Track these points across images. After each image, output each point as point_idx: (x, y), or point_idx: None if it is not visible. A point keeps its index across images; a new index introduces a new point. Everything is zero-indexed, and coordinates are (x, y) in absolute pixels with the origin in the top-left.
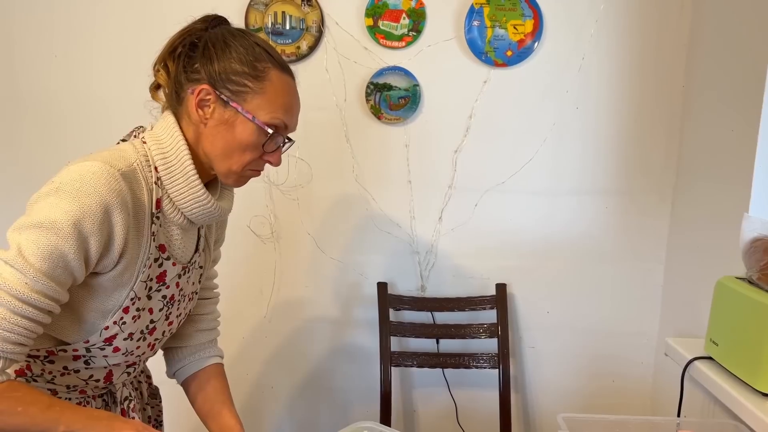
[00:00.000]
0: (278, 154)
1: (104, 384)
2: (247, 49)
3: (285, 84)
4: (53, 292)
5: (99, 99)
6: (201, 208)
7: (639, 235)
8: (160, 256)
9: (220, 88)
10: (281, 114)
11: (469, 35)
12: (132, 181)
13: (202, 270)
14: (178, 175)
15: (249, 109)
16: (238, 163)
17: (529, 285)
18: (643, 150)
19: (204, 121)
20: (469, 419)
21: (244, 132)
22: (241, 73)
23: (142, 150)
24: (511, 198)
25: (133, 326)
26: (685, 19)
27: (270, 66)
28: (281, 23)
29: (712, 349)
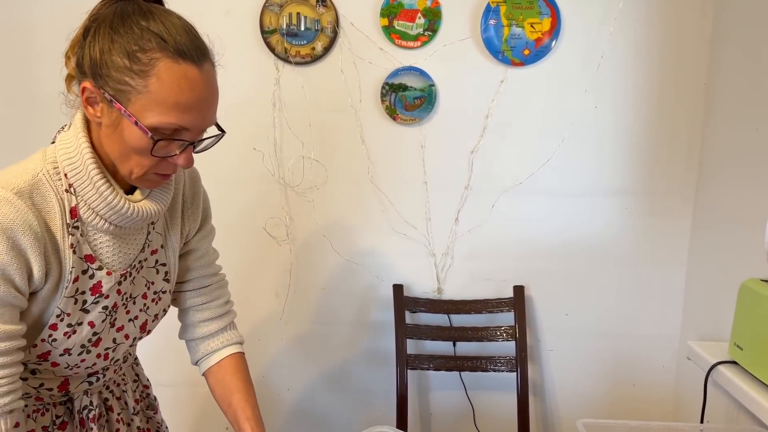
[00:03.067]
0: (185, 156)
1: (60, 393)
2: (131, 36)
3: (179, 77)
4: (5, 332)
5: None
6: (116, 213)
7: (660, 236)
8: (89, 267)
9: (104, 85)
10: (172, 116)
11: (486, 34)
12: (34, 196)
13: (165, 267)
14: (85, 180)
15: (133, 111)
16: (138, 167)
17: (548, 287)
18: (664, 150)
19: (97, 120)
20: (486, 423)
21: (132, 136)
22: (122, 68)
23: (51, 156)
24: (528, 199)
25: (68, 342)
26: (708, 15)
27: (159, 56)
28: (296, 24)
29: (736, 354)
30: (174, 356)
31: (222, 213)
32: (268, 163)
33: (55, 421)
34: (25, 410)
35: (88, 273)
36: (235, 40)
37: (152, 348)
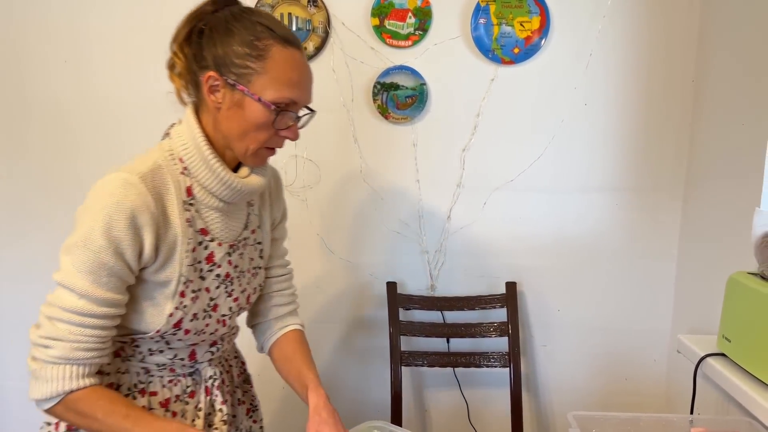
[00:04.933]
0: (294, 129)
1: (190, 362)
2: (248, 29)
3: (289, 59)
4: (105, 299)
5: (109, 104)
6: (227, 187)
7: (650, 231)
8: (203, 240)
9: (226, 72)
10: (287, 91)
11: (476, 33)
12: (155, 180)
13: (261, 246)
14: (200, 162)
15: (255, 90)
16: (254, 142)
17: (540, 283)
18: (654, 146)
19: (217, 106)
20: (480, 418)
21: (254, 113)
22: (243, 55)
23: (167, 146)
24: (520, 196)
25: (195, 307)
26: (695, 13)
27: (272, 43)
28: (287, 24)
29: (724, 346)
30: None
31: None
32: None
33: (185, 390)
34: (161, 380)
35: (202, 244)
36: None
37: None
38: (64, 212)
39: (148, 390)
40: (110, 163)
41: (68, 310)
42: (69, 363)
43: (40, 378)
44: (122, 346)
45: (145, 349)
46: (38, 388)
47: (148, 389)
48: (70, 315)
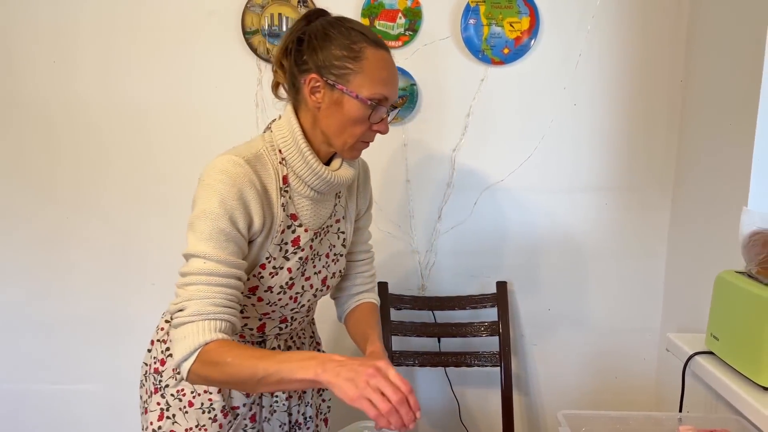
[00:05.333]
0: (386, 123)
1: (258, 334)
2: (344, 35)
3: (380, 59)
4: (228, 261)
5: (98, 104)
6: (320, 180)
7: (640, 230)
8: (292, 224)
9: (326, 74)
10: (380, 88)
11: (466, 33)
12: (257, 165)
13: (344, 235)
14: (297, 154)
15: (352, 88)
16: (351, 137)
17: (530, 282)
18: (643, 145)
19: (318, 105)
20: (471, 418)
21: (352, 109)
22: (341, 57)
23: (268, 138)
24: (510, 196)
25: (271, 281)
26: (683, 13)
27: (365, 45)
28: (278, 25)
29: (712, 344)
30: None
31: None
32: None
33: None
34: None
35: (291, 228)
36: (217, 41)
37: None
38: (51, 212)
39: None
40: (97, 163)
41: (197, 273)
42: (201, 318)
43: (177, 339)
44: None
45: None
46: (177, 350)
47: None
48: (199, 277)
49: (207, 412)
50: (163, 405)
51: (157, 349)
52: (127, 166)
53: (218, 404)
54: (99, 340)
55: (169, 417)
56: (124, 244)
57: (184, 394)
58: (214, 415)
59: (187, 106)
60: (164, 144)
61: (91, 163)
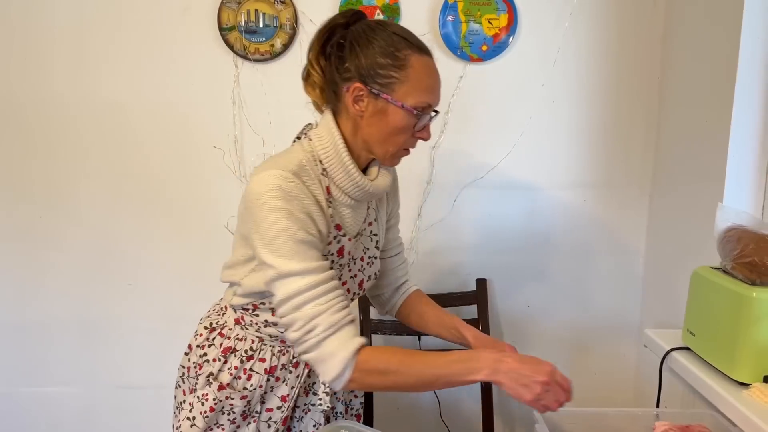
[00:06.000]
0: (427, 131)
1: None
2: (387, 41)
3: (425, 66)
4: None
5: (72, 102)
6: (360, 189)
7: (618, 227)
8: (337, 234)
9: (371, 83)
10: (425, 96)
11: (444, 30)
12: (303, 176)
13: (377, 237)
14: (338, 165)
15: (397, 97)
16: (394, 145)
17: (510, 280)
18: (621, 142)
19: (360, 113)
20: (452, 415)
21: (396, 118)
22: (386, 66)
23: (308, 147)
24: (489, 193)
25: None
26: (659, 11)
27: (410, 52)
28: (254, 21)
29: (689, 340)
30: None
31: (183, 212)
32: (229, 161)
33: (291, 360)
34: (272, 349)
35: (336, 239)
36: (193, 38)
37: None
38: (25, 211)
39: (258, 356)
40: (72, 162)
41: (302, 292)
42: (336, 329)
43: (323, 359)
44: (243, 315)
45: (262, 320)
46: (329, 369)
47: (258, 356)
48: (306, 294)
49: (227, 413)
50: (191, 406)
51: (196, 354)
52: (102, 164)
53: (239, 409)
54: (75, 342)
55: (189, 419)
56: (100, 243)
57: (207, 399)
58: (233, 418)
59: (163, 104)
60: (140, 142)
61: (66, 162)
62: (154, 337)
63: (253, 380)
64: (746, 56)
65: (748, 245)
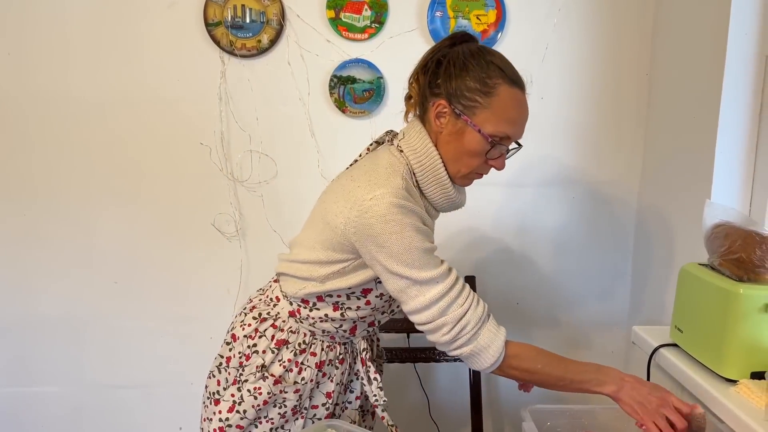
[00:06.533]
0: (502, 160)
1: (349, 335)
2: (482, 67)
3: (512, 99)
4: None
5: (56, 97)
6: (449, 202)
7: (606, 224)
8: None
9: (455, 102)
10: (505, 126)
11: (432, 26)
12: (410, 191)
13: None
14: (432, 178)
15: (477, 122)
16: (466, 167)
17: (498, 277)
18: (609, 139)
19: (440, 129)
20: (441, 413)
21: (472, 142)
22: (473, 90)
23: (402, 159)
24: (478, 190)
25: (384, 289)
26: (649, 8)
27: (500, 82)
28: (241, 17)
29: (677, 336)
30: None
31: (169, 209)
32: (216, 157)
33: (338, 356)
34: (322, 344)
35: None
36: (178, 33)
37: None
38: (7, 208)
39: (310, 350)
40: (55, 158)
41: (443, 295)
42: (482, 322)
43: (478, 352)
44: (299, 308)
45: (321, 314)
46: (484, 359)
47: (309, 349)
48: (447, 297)
49: (279, 407)
50: (237, 398)
51: (243, 344)
52: (87, 161)
53: (291, 403)
54: (59, 341)
55: (239, 411)
56: (86, 241)
57: (260, 393)
58: (284, 412)
59: (148, 100)
60: (125, 138)
61: (50, 158)
62: (140, 336)
63: (304, 374)
64: (734, 53)
65: (736, 242)
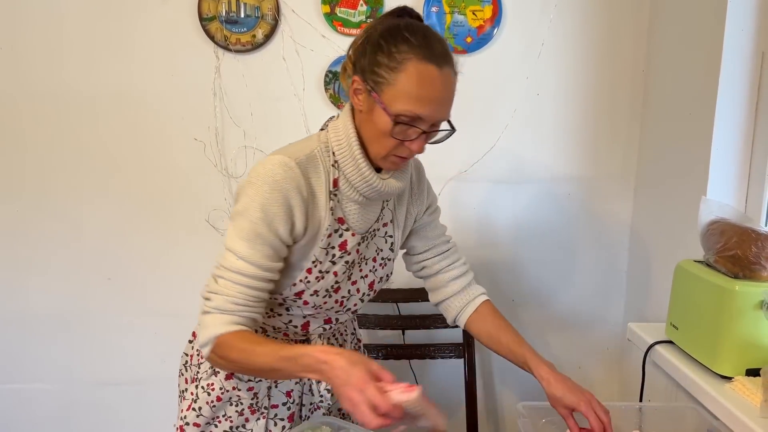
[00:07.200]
0: (418, 143)
1: (302, 332)
2: (395, 40)
3: (422, 75)
4: (260, 264)
5: (48, 93)
6: (369, 186)
7: (602, 221)
8: (339, 228)
9: (367, 78)
10: (412, 105)
11: (428, 21)
12: (308, 167)
13: (392, 239)
14: (350, 159)
15: (384, 99)
16: (383, 148)
17: (494, 273)
18: (605, 136)
19: (360, 108)
20: None
21: (380, 121)
22: (382, 65)
23: (324, 138)
24: (474, 186)
25: (317, 285)
26: (645, 4)
27: (410, 57)
28: (236, 11)
29: (672, 333)
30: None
31: (163, 205)
32: (210, 153)
33: None
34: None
35: (338, 232)
36: (172, 28)
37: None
38: (1, 204)
39: None
40: (48, 154)
41: (228, 269)
42: (221, 313)
43: (201, 326)
44: None
45: (267, 310)
46: (201, 336)
47: None
48: (230, 273)
49: (235, 405)
50: (194, 396)
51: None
52: (79, 156)
53: (246, 401)
54: (52, 337)
55: (194, 409)
56: (79, 237)
57: (213, 389)
58: (241, 410)
59: (142, 95)
60: (119, 134)
61: (42, 153)
62: (133, 333)
63: None
64: (730, 49)
65: (732, 238)
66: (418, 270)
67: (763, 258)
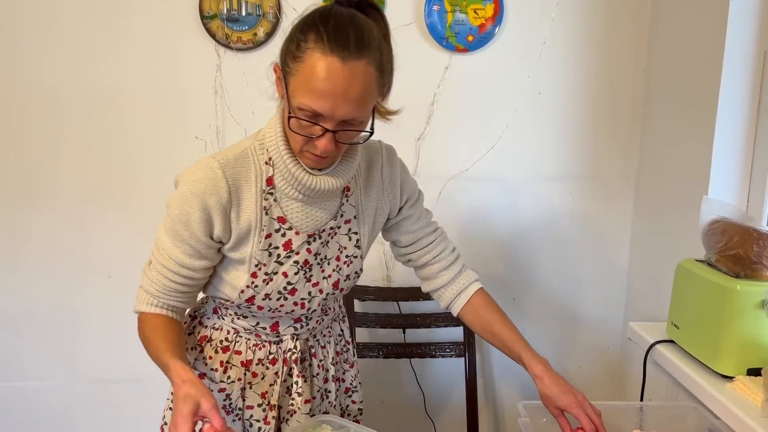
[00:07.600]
0: (323, 141)
1: (273, 332)
2: (307, 28)
3: (320, 68)
4: (180, 260)
5: (49, 91)
6: (299, 184)
7: (604, 220)
8: (281, 227)
9: (283, 66)
10: (308, 99)
11: (429, 20)
12: (236, 168)
13: (357, 235)
14: (277, 155)
15: (290, 90)
16: (296, 144)
17: (494, 272)
18: (607, 134)
19: (282, 96)
20: (436, 409)
21: (285, 114)
22: (289, 53)
23: (260, 136)
24: (475, 185)
25: (267, 288)
26: (646, 3)
27: (313, 47)
28: (237, 9)
29: (673, 333)
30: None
31: (164, 203)
32: (211, 151)
33: (267, 356)
34: (247, 342)
35: (279, 231)
36: (174, 26)
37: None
38: (1, 201)
39: (233, 348)
40: (49, 152)
41: (155, 257)
42: (145, 292)
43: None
44: (221, 303)
45: (232, 312)
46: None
47: (233, 347)
48: (156, 262)
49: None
50: (172, 396)
51: None
52: (80, 154)
53: (219, 402)
54: (54, 335)
55: (171, 408)
56: (79, 235)
57: None
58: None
59: (143, 93)
60: (119, 132)
61: (43, 151)
62: (133, 331)
63: (230, 373)
64: (732, 48)
65: (733, 238)
66: (405, 262)
67: (764, 257)
